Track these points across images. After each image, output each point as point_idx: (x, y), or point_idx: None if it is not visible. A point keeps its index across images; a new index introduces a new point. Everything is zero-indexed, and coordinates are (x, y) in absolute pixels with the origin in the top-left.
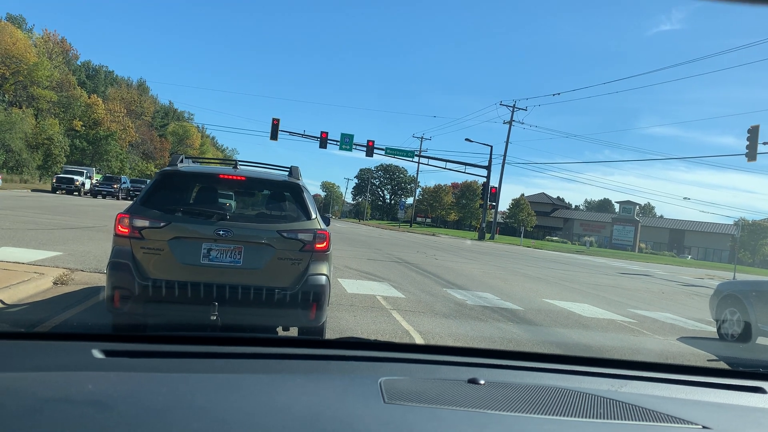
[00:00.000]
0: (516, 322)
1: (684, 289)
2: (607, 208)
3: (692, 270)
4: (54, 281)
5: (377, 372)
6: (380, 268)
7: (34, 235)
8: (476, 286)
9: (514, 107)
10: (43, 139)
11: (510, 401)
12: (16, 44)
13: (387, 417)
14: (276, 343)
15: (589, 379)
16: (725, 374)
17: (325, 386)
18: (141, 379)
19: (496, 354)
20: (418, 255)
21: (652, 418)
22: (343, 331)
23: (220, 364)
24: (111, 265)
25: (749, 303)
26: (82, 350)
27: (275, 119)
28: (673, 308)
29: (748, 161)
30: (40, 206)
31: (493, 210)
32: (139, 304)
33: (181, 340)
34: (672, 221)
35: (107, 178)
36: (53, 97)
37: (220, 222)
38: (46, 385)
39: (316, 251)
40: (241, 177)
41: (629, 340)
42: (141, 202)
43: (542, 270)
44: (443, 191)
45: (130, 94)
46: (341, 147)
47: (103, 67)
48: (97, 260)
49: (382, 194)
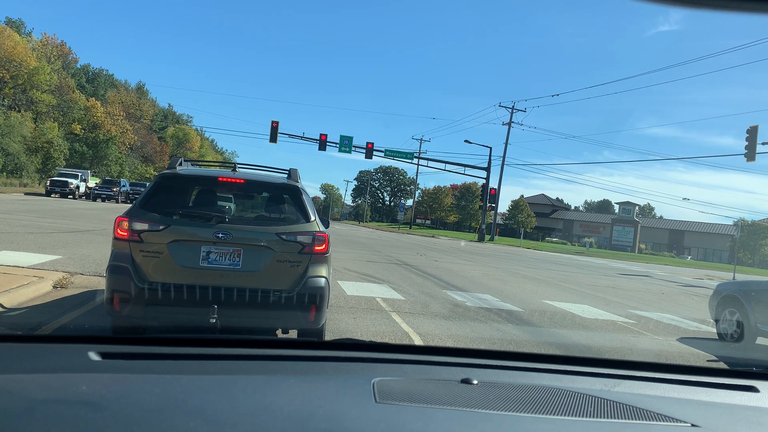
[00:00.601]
0: (515, 323)
1: (683, 289)
2: (607, 209)
3: (692, 270)
4: (53, 285)
5: (371, 372)
6: (380, 270)
7: (34, 239)
8: (476, 288)
9: (513, 108)
10: (42, 142)
11: (502, 401)
12: (16, 48)
13: (378, 416)
14: (272, 344)
15: (582, 378)
16: (718, 373)
17: (319, 387)
18: (135, 381)
19: (489, 354)
20: (418, 257)
21: (642, 416)
22: (343, 333)
23: (215, 365)
24: (110, 269)
25: (748, 303)
26: (78, 352)
27: (274, 122)
28: (672, 309)
29: (747, 161)
30: (38, 210)
31: (492, 211)
32: (138, 307)
33: (177, 342)
34: (672, 222)
35: (106, 181)
36: (52, 101)
37: (219, 225)
38: (40, 386)
39: (315, 253)
40: (240, 180)
41: (629, 340)
42: (140, 205)
43: (542, 271)
44: (443, 193)
45: (129, 97)
46: (341, 149)
47: (102, 71)
48: (97, 263)
49: (381, 196)
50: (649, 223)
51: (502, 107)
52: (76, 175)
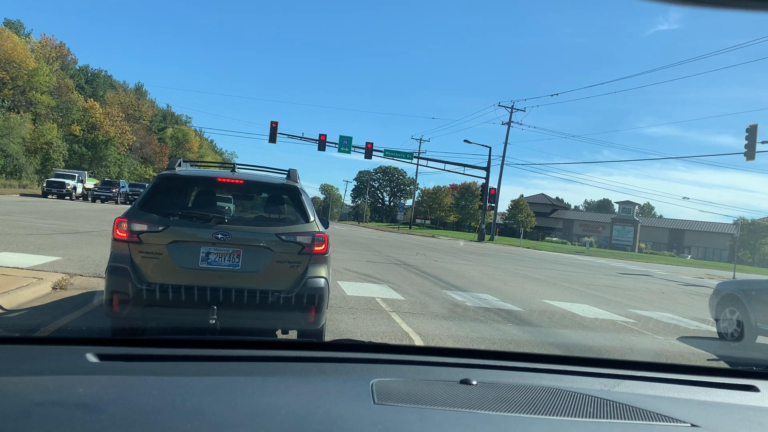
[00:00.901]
0: (516, 323)
1: (684, 288)
2: (607, 208)
3: (692, 269)
4: (53, 286)
5: (370, 373)
6: (379, 270)
7: (33, 240)
8: (476, 288)
9: (512, 108)
10: (42, 143)
11: (501, 401)
12: (15, 49)
13: (376, 418)
14: (271, 345)
15: (582, 379)
16: (718, 373)
17: (317, 388)
18: (133, 382)
19: (489, 355)
20: (418, 257)
21: (642, 417)
22: (343, 333)
23: (213, 367)
24: (110, 270)
25: (749, 302)
26: (76, 354)
27: (273, 122)
28: (672, 308)
29: (747, 160)
30: (37, 211)
31: (492, 211)
32: (137, 308)
33: (176, 343)
34: (671, 221)
35: (106, 182)
36: (51, 102)
37: (219, 225)
38: (37, 388)
39: (315, 254)
40: (240, 180)
41: (629, 340)
42: (139, 206)
43: (541, 271)
44: (442, 193)
45: (128, 98)
46: (340, 149)
47: (101, 72)
48: (96, 265)
49: (381, 196)
50: (649, 222)
51: (502, 107)
52: (73, 176)
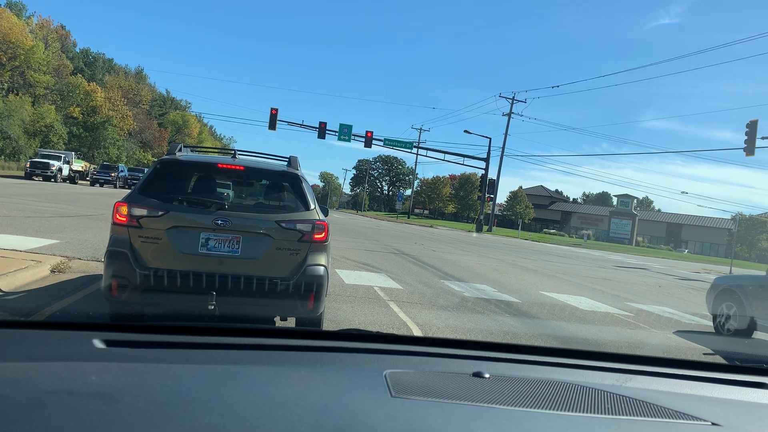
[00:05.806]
0: (513, 314)
1: (680, 283)
2: (606, 201)
3: (689, 264)
4: (51, 269)
5: (381, 364)
6: (378, 259)
7: (31, 223)
8: (473, 278)
9: (513, 99)
10: (41, 126)
11: (517, 396)
12: (12, 29)
13: (395, 411)
14: (277, 334)
15: (593, 373)
16: (728, 369)
17: (331, 378)
18: (145, 371)
19: (499, 347)
20: (416, 246)
21: (659, 414)
22: (341, 321)
23: (221, 355)
24: (109, 254)
25: (746, 297)
26: (82, 340)
27: (274, 109)
28: (669, 302)
29: (747, 156)
30: (36, 194)
31: (491, 202)
32: (136, 293)
33: (181, 330)
34: (669, 215)
35: (105, 166)
36: (50, 81)
37: (219, 211)
38: (47, 375)
39: (315, 242)
40: (240, 167)
41: (627, 333)
42: (139, 190)
43: (539, 262)
44: (441, 183)
45: (128, 82)
46: (340, 137)
47: (101, 55)
48: (95, 248)
49: (380, 185)
50: (647, 216)
51: (503, 98)
52: (59, 156)
